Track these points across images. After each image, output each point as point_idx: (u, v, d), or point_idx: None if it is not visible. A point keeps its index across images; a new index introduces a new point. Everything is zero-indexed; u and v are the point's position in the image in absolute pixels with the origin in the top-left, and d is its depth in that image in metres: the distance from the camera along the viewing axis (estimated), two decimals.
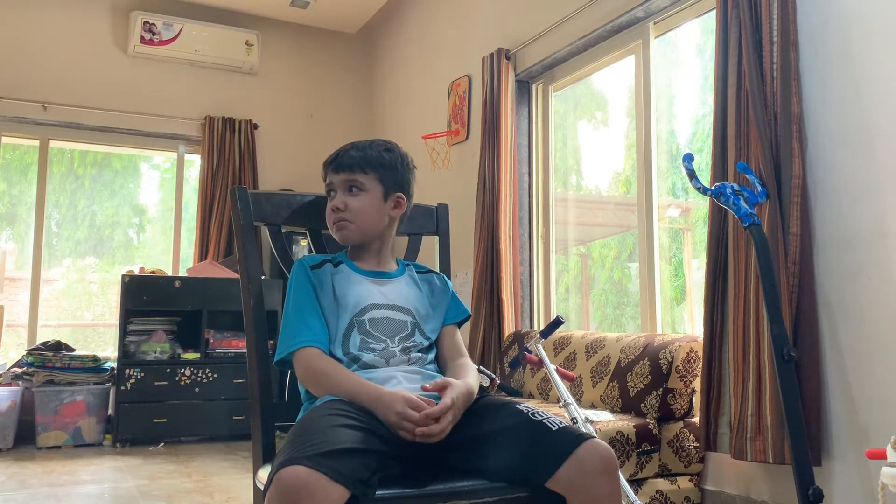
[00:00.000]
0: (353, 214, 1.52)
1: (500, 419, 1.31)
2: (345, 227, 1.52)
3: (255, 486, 1.39)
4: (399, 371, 1.42)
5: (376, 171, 1.53)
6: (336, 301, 1.46)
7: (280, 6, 5.55)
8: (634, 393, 2.74)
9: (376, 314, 1.47)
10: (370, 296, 1.49)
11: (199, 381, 4.52)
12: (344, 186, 1.53)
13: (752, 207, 2.13)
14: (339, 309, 1.45)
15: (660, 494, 2.59)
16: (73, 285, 5.51)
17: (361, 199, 1.52)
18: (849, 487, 2.26)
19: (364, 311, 1.46)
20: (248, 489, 1.44)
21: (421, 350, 1.48)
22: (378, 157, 1.54)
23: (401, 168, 1.57)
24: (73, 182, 5.51)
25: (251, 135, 5.48)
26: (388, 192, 1.55)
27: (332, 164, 1.55)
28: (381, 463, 1.18)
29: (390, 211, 1.56)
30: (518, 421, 1.29)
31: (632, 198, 3.52)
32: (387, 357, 1.43)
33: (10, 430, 4.14)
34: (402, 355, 1.44)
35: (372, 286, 1.51)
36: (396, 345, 1.44)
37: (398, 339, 1.46)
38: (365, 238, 1.55)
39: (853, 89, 2.34)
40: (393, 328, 1.47)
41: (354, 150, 1.56)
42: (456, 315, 1.59)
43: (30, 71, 4.98)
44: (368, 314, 1.46)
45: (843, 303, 2.32)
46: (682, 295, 3.57)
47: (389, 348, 1.43)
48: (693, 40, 3.45)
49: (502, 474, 1.26)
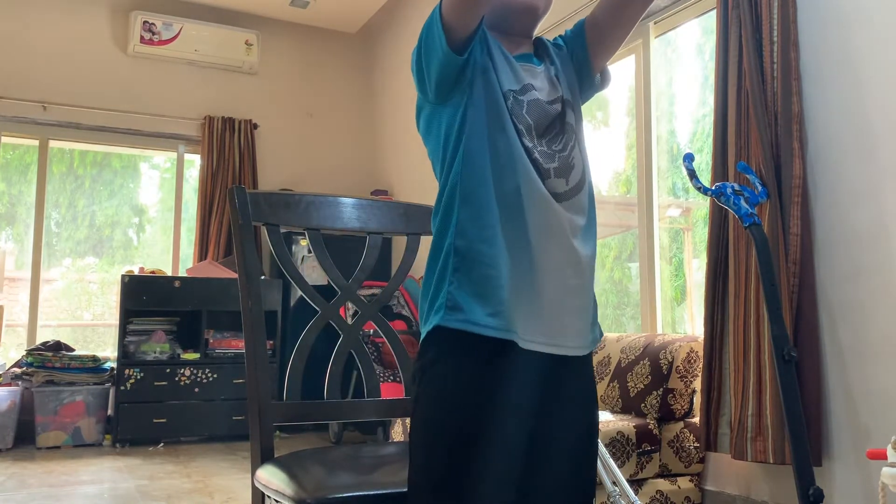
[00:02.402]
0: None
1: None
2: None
3: (255, 486, 1.38)
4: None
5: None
6: (492, 64, 1.18)
7: (280, 6, 5.55)
8: (635, 393, 2.74)
9: (532, 95, 1.20)
10: (521, 74, 1.21)
11: (199, 381, 4.52)
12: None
13: (753, 207, 2.13)
14: (499, 73, 1.17)
15: (660, 495, 2.59)
16: (73, 285, 5.51)
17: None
18: (849, 487, 2.26)
19: (524, 90, 1.19)
20: (248, 489, 1.44)
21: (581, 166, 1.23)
22: None
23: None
24: (72, 182, 5.51)
25: (251, 135, 5.48)
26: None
27: None
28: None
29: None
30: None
31: (632, 198, 3.52)
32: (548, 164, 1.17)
33: (9, 431, 4.13)
34: (561, 155, 1.20)
35: (518, 68, 1.21)
36: (546, 146, 1.18)
37: (549, 138, 1.20)
38: (537, 22, 1.29)
39: (853, 89, 2.33)
40: (546, 115, 1.19)
41: None
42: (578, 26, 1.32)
43: (30, 71, 4.97)
44: (526, 95, 1.19)
45: (843, 303, 2.31)
46: (682, 295, 3.57)
47: (540, 147, 1.18)
48: (693, 40, 3.44)
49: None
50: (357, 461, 1.49)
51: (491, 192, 1.11)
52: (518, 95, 1.16)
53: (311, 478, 1.30)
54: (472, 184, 1.12)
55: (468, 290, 1.09)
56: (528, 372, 1.11)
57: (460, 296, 1.09)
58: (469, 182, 1.12)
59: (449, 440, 1.08)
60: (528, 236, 1.11)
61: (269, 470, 1.35)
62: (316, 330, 1.57)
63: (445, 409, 1.10)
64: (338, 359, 1.59)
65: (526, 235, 1.11)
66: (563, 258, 1.14)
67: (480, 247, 1.10)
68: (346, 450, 1.68)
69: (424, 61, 1.15)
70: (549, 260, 1.12)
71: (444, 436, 1.09)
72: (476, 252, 1.10)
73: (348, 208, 1.66)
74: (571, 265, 1.15)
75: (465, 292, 1.09)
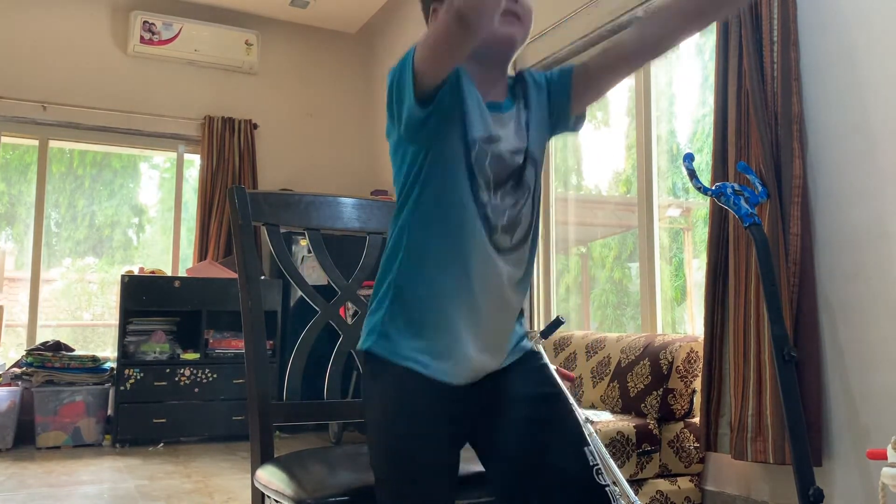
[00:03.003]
0: (525, 12, 1.20)
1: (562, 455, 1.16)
2: (514, 23, 1.20)
3: (254, 486, 1.38)
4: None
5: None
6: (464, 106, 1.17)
7: (280, 6, 5.54)
8: (635, 393, 2.74)
9: (497, 149, 1.19)
10: (488, 124, 1.19)
11: (199, 381, 4.52)
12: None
13: (753, 207, 2.13)
14: (466, 116, 1.17)
15: (660, 495, 2.59)
16: (73, 285, 5.51)
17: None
18: (849, 488, 2.26)
19: (490, 139, 1.18)
20: (248, 489, 1.44)
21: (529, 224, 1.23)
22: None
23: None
24: (72, 182, 5.51)
25: (251, 135, 5.48)
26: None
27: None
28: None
29: None
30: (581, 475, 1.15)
31: (632, 198, 3.52)
32: (488, 218, 1.18)
33: (9, 431, 4.13)
34: (510, 211, 1.20)
35: (488, 116, 1.19)
36: (498, 200, 1.19)
37: (504, 189, 1.20)
38: (514, 52, 1.24)
39: (853, 89, 2.33)
40: (505, 168, 1.19)
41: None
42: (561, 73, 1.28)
43: (30, 71, 4.97)
44: (491, 147, 1.18)
45: (843, 303, 2.31)
46: (682, 295, 3.57)
47: (493, 201, 1.19)
48: (693, 40, 3.44)
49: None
50: (357, 461, 1.49)
51: (437, 241, 1.16)
52: (484, 145, 1.17)
53: (311, 478, 1.30)
54: (420, 231, 1.17)
55: (400, 324, 1.16)
56: (454, 401, 1.17)
57: (392, 327, 1.16)
58: (418, 229, 1.17)
59: (385, 450, 1.16)
60: (470, 285, 1.16)
61: (269, 470, 1.35)
62: (316, 330, 1.57)
63: (381, 428, 1.18)
64: (338, 359, 1.59)
65: (468, 284, 1.16)
66: (498, 306, 1.20)
67: (418, 290, 1.17)
68: (346, 450, 1.68)
69: (396, 101, 1.14)
70: (487, 307, 1.18)
71: (382, 445, 1.17)
72: (413, 294, 1.17)
73: (348, 208, 1.66)
74: (504, 311, 1.21)
75: (397, 326, 1.16)
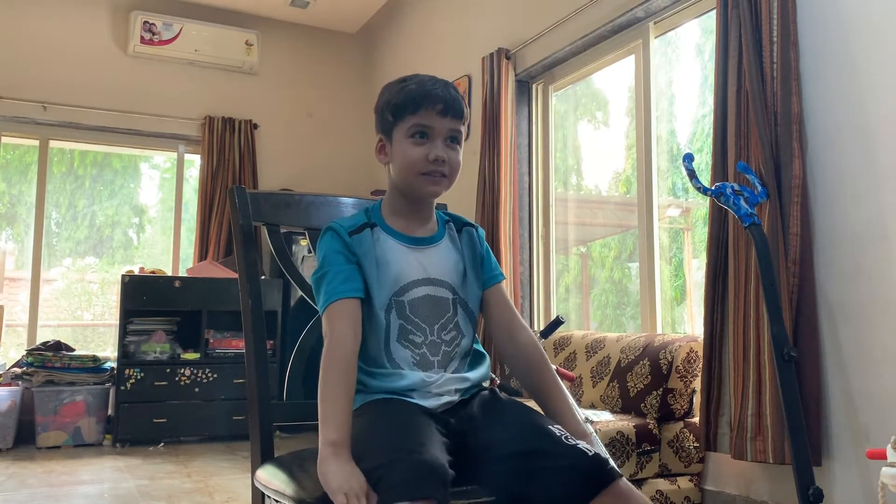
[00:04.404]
0: (452, 170, 1.33)
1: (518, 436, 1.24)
2: (441, 182, 1.33)
3: (255, 486, 1.38)
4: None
5: (465, 120, 1.36)
6: (378, 272, 1.32)
7: (280, 6, 5.55)
8: (634, 393, 2.74)
9: (417, 293, 1.33)
10: (410, 270, 1.33)
11: (199, 381, 4.52)
12: (446, 135, 1.32)
13: (753, 207, 2.13)
14: (379, 283, 1.31)
15: (660, 494, 2.59)
16: (73, 285, 5.51)
17: (458, 153, 1.34)
18: (849, 487, 2.26)
19: (403, 290, 1.32)
20: (248, 489, 1.44)
21: (464, 339, 1.36)
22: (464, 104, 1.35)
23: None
24: (72, 182, 5.52)
25: (251, 135, 5.48)
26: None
27: (439, 106, 1.30)
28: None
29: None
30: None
31: (632, 198, 3.52)
32: (424, 354, 1.32)
33: (9, 430, 4.14)
34: (445, 347, 1.33)
35: (411, 257, 1.35)
36: (436, 335, 1.33)
37: (439, 325, 1.33)
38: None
39: (853, 89, 2.33)
40: (434, 311, 1.33)
41: (454, 92, 1.34)
42: (494, 276, 1.43)
43: (30, 71, 4.97)
44: (408, 294, 1.32)
45: (843, 303, 2.32)
46: (682, 295, 3.57)
47: (429, 338, 1.32)
48: (693, 40, 3.45)
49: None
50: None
51: (377, 357, 1.32)
52: (398, 297, 1.32)
53: (311, 478, 1.30)
54: (365, 344, 1.31)
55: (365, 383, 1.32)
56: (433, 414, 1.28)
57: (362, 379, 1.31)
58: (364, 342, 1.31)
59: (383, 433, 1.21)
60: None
61: (270, 470, 1.35)
62: (316, 330, 1.57)
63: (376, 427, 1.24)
64: None
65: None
66: (450, 388, 1.32)
67: (371, 381, 1.31)
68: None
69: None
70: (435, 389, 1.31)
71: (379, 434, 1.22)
72: (367, 381, 1.31)
73: (348, 208, 1.66)
74: (457, 383, 1.33)
75: (364, 382, 1.32)
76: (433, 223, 1.41)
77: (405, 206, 1.38)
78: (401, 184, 1.35)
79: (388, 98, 1.35)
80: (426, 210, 1.40)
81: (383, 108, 1.35)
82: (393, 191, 1.39)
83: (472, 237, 1.44)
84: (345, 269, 1.31)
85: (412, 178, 1.32)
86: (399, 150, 1.33)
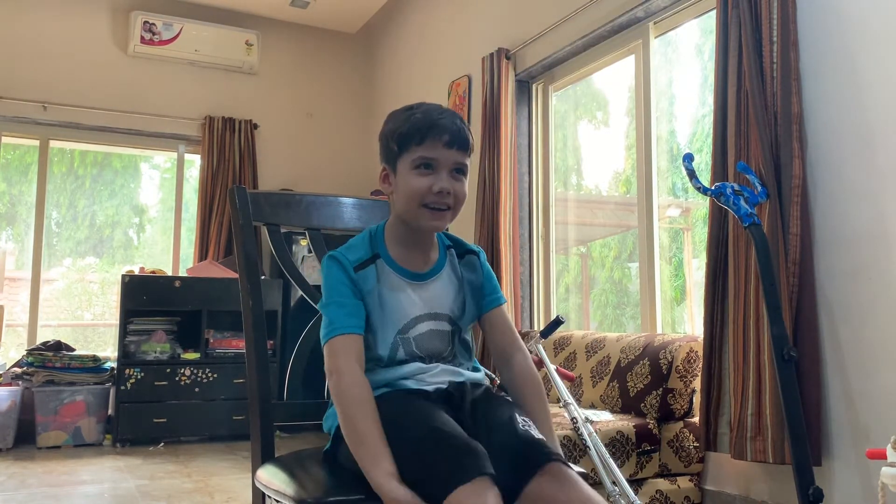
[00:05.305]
0: (457, 202, 1.32)
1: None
2: (444, 216, 1.32)
3: (255, 486, 1.38)
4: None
5: (471, 152, 1.36)
6: (382, 312, 1.34)
7: (280, 6, 5.55)
8: (634, 393, 2.74)
9: (421, 328, 1.35)
10: (412, 308, 1.35)
11: (199, 381, 4.52)
12: (452, 167, 1.31)
13: (752, 207, 2.13)
14: (383, 323, 1.34)
15: (660, 494, 2.59)
16: (73, 285, 5.51)
17: (464, 185, 1.33)
18: (849, 487, 2.26)
19: (407, 327, 1.34)
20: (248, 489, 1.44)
21: (461, 366, 1.41)
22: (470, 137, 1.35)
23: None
24: (73, 182, 5.52)
25: (251, 135, 5.48)
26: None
27: (445, 137, 1.29)
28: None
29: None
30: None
31: (632, 198, 3.52)
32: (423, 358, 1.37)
33: (10, 430, 4.14)
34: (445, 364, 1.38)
35: (414, 294, 1.36)
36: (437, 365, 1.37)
37: (441, 358, 1.37)
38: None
39: (853, 89, 2.33)
40: (437, 345, 1.36)
41: (461, 122, 1.33)
42: (493, 299, 1.44)
43: (30, 71, 4.98)
44: (413, 330, 1.34)
45: (843, 303, 2.32)
46: (682, 295, 3.57)
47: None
48: (693, 40, 3.45)
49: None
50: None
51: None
52: (403, 335, 1.34)
53: (311, 478, 1.30)
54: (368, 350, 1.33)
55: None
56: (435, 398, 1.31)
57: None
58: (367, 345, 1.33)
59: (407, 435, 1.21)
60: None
61: (270, 470, 1.35)
62: (316, 330, 1.57)
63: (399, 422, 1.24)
64: None
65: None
66: (444, 379, 1.36)
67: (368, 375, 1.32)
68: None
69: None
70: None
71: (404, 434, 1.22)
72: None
73: (348, 208, 1.66)
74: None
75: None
76: (435, 251, 1.42)
77: (408, 237, 1.38)
78: (404, 215, 1.35)
79: (394, 127, 1.33)
80: (428, 239, 1.40)
81: (388, 137, 1.34)
82: (396, 220, 1.39)
83: (472, 264, 1.44)
84: (349, 303, 1.31)
85: (415, 209, 1.31)
86: (403, 181, 1.32)
